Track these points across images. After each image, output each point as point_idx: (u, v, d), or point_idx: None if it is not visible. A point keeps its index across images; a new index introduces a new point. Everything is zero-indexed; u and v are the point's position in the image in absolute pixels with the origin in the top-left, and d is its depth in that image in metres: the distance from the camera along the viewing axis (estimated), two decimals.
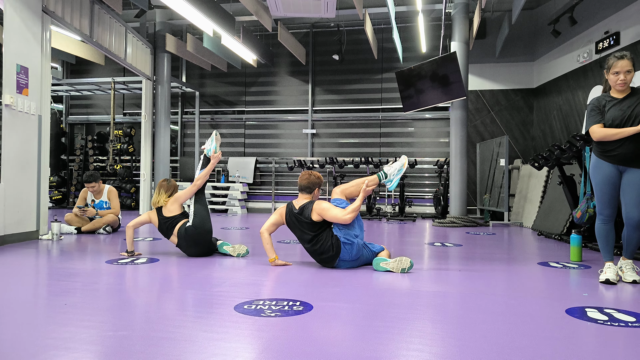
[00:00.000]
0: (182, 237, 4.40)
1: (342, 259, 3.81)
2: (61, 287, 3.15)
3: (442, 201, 9.48)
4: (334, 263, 3.84)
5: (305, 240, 3.92)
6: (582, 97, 8.02)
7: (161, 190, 4.57)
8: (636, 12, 6.61)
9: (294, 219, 3.97)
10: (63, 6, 6.28)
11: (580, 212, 5.00)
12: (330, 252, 3.79)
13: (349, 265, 3.87)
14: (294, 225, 3.99)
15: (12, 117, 5.26)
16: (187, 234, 4.37)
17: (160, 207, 4.53)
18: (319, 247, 3.83)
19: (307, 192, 4.06)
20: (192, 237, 4.38)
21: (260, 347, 2.04)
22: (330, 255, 3.81)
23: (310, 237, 3.86)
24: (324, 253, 3.83)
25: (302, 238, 3.95)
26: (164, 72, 9.97)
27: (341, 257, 3.80)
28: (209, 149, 4.67)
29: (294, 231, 4.01)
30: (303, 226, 3.90)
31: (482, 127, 10.43)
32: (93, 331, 2.21)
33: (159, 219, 4.51)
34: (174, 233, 4.45)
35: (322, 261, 3.90)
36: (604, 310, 2.65)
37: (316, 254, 3.90)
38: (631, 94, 3.38)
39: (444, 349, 2.03)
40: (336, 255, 3.79)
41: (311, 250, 3.93)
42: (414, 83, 8.65)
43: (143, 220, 4.55)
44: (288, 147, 11.67)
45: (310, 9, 6.96)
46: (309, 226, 3.87)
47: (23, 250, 4.79)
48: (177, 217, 4.50)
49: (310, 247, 3.91)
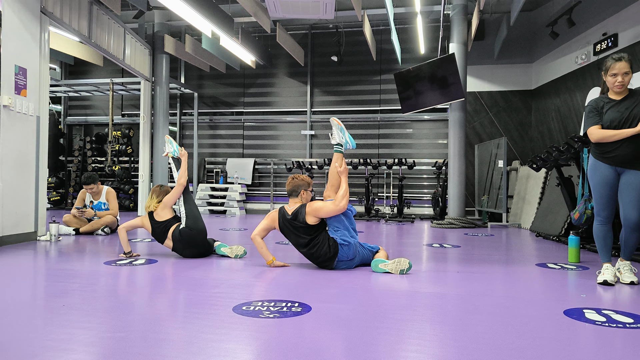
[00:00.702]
0: (177, 240, 4.39)
1: (340, 259, 3.81)
2: (59, 288, 3.15)
3: (441, 202, 9.49)
4: (332, 264, 3.84)
5: (302, 245, 3.90)
6: (580, 99, 8.03)
7: (153, 195, 4.60)
8: (634, 14, 6.63)
9: (287, 225, 3.94)
10: (62, 7, 6.28)
11: (578, 214, 5.01)
12: (328, 255, 3.79)
13: (347, 266, 3.87)
14: (288, 231, 3.96)
15: (11, 118, 5.25)
16: (182, 236, 4.36)
17: (152, 212, 4.52)
18: (316, 251, 3.82)
19: (294, 195, 4.09)
20: (188, 239, 4.37)
21: (259, 348, 2.04)
22: (328, 258, 3.80)
23: (307, 241, 3.85)
24: (321, 257, 3.82)
25: (298, 243, 3.93)
26: (163, 73, 9.97)
27: (339, 257, 3.80)
28: (172, 150, 4.84)
29: (289, 237, 3.99)
30: (298, 231, 3.88)
31: (480, 129, 10.45)
32: (91, 332, 2.21)
33: (152, 224, 4.49)
34: (168, 237, 4.44)
35: (321, 264, 3.89)
36: (602, 312, 2.65)
37: (313, 257, 3.88)
38: (629, 95, 3.39)
39: (442, 350, 2.03)
40: (334, 256, 3.79)
41: (308, 254, 3.91)
42: (413, 84, 8.66)
43: (135, 224, 4.54)
44: (287, 148, 11.68)
45: (308, 10, 6.96)
46: (304, 230, 3.85)
47: (21, 251, 4.78)
48: (170, 220, 4.48)
49: (307, 251, 3.89)
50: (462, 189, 8.51)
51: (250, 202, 11.66)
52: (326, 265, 3.86)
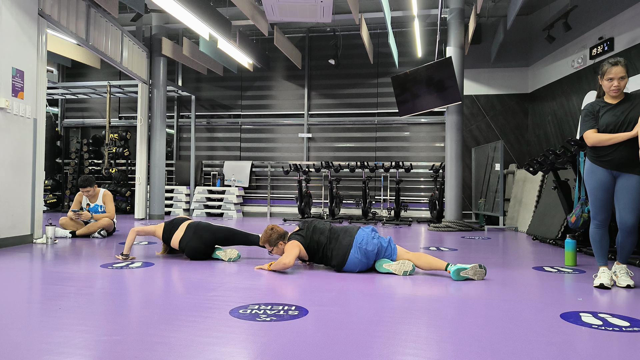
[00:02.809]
0: (191, 229, 4.49)
1: (357, 251, 3.83)
2: (55, 291, 3.14)
3: (438, 205, 9.50)
4: (347, 255, 3.84)
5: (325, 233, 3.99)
6: (577, 103, 8.07)
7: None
8: (630, 18, 6.67)
9: (315, 232, 4.04)
10: (59, 10, 6.27)
11: (574, 217, 5.02)
12: (347, 234, 3.89)
13: (365, 251, 3.84)
14: (315, 232, 4.04)
15: (7, 121, 5.24)
16: (201, 226, 4.52)
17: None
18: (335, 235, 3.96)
19: (272, 245, 4.13)
20: (202, 231, 4.48)
21: (256, 352, 2.03)
22: (346, 234, 3.90)
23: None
24: (339, 238, 3.90)
25: (323, 231, 4.01)
26: (160, 76, 9.96)
27: (358, 244, 3.83)
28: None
29: (316, 233, 4.03)
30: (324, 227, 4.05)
31: (477, 132, 10.47)
32: (87, 335, 2.20)
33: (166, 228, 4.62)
34: (181, 227, 4.53)
35: (336, 252, 3.89)
36: (599, 315, 2.66)
37: (333, 239, 3.95)
38: (625, 99, 3.41)
39: (439, 353, 2.03)
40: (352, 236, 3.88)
41: (331, 238, 3.97)
42: (410, 88, 8.68)
43: (149, 231, 4.61)
44: (284, 151, 11.68)
45: (306, 13, 6.97)
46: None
47: (17, 254, 4.76)
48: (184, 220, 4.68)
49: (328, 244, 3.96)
50: (459, 192, 8.53)
51: (248, 205, 11.65)
52: (341, 252, 3.87)
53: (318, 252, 3.95)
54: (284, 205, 11.51)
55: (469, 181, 10.30)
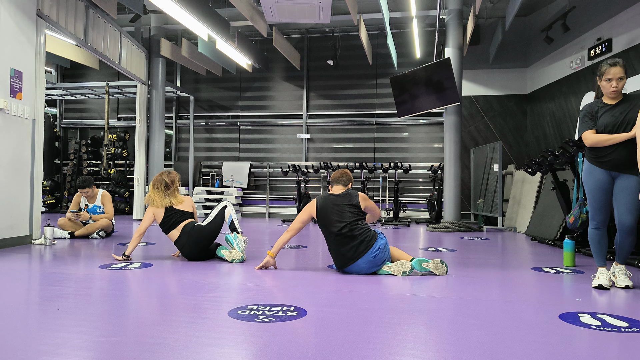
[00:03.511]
0: (185, 233, 4.47)
1: (375, 248, 3.82)
2: (54, 292, 3.13)
3: (436, 206, 9.50)
4: (367, 248, 3.81)
5: (344, 221, 3.87)
6: (575, 103, 8.08)
7: (166, 189, 4.65)
8: (628, 19, 6.68)
9: (331, 203, 3.99)
10: (58, 10, 6.27)
11: (573, 218, 5.03)
12: (369, 236, 3.84)
13: (373, 258, 3.82)
14: (330, 209, 3.95)
15: (6, 121, 5.23)
16: (194, 231, 4.47)
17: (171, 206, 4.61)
18: (360, 233, 3.84)
19: (342, 184, 4.18)
20: (196, 236, 4.46)
21: (254, 353, 2.03)
22: (369, 239, 3.83)
23: (351, 221, 3.88)
24: (358, 237, 3.82)
25: (342, 219, 3.89)
26: (159, 77, 9.96)
27: (376, 244, 3.83)
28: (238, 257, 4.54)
29: (330, 215, 3.93)
30: (345, 208, 3.94)
31: (475, 133, 10.49)
32: (86, 337, 2.20)
33: (167, 212, 4.55)
34: (178, 228, 4.51)
35: (355, 247, 3.83)
36: (597, 316, 2.66)
37: (349, 237, 3.82)
38: (623, 100, 3.41)
39: (437, 354, 2.03)
40: (372, 239, 3.84)
41: (346, 234, 3.84)
42: (408, 89, 8.69)
43: (147, 224, 4.46)
44: (283, 152, 11.68)
45: (305, 14, 6.98)
46: (353, 209, 3.95)
47: (16, 254, 4.75)
48: (188, 214, 4.65)
49: (347, 231, 3.84)
50: (458, 192, 8.54)
51: (246, 206, 11.64)
52: (358, 250, 3.82)
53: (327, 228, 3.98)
54: (282, 206, 11.51)
55: (468, 182, 10.31)
